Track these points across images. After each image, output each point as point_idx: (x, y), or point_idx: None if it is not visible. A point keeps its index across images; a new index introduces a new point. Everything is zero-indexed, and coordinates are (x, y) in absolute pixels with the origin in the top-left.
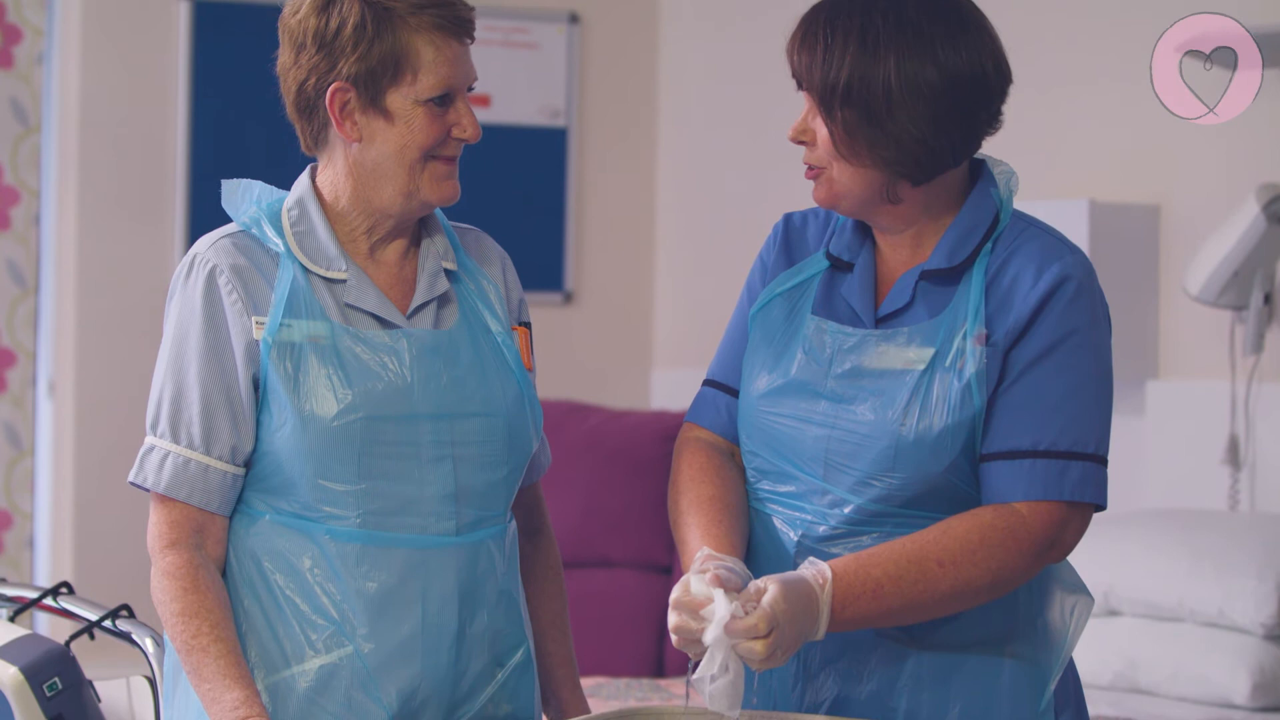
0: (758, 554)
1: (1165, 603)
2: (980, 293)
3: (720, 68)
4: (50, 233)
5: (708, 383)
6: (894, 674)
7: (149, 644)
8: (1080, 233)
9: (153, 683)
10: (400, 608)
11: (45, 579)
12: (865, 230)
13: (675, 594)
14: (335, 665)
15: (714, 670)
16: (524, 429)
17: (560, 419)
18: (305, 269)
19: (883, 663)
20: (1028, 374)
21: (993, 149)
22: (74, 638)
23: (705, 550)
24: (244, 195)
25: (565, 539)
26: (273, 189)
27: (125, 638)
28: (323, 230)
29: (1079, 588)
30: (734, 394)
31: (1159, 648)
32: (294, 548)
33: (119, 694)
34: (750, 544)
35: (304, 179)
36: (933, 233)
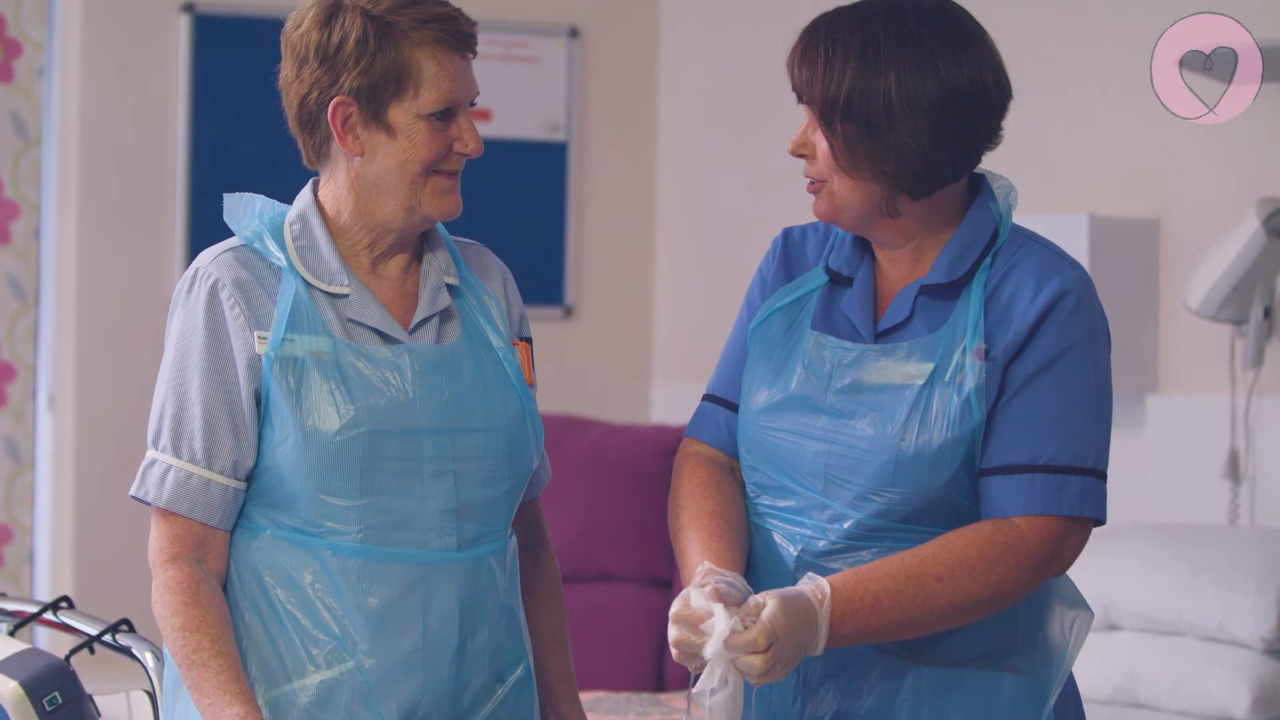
0: (757, 569)
1: (1165, 617)
2: (979, 307)
3: (720, 82)
4: (50, 247)
5: (707, 397)
6: (894, 689)
7: (149, 658)
8: (1080, 247)
9: (153, 697)
10: (401, 623)
11: (45, 593)
12: (864, 245)
13: (675, 608)
14: (336, 680)
15: (713, 684)
16: (525, 444)
17: (560, 433)
18: (307, 283)
19: (882, 677)
20: (1027, 388)
21: (992, 163)
22: (74, 652)
23: (706, 565)
24: (246, 209)
25: (565, 553)
26: (275, 203)
27: (125, 652)
28: (325, 245)
29: (1079, 602)
30: (734, 409)
31: (1159, 662)
32: (295, 563)
33: (119, 708)
34: (750, 559)
35: (306, 193)
36: (932, 247)
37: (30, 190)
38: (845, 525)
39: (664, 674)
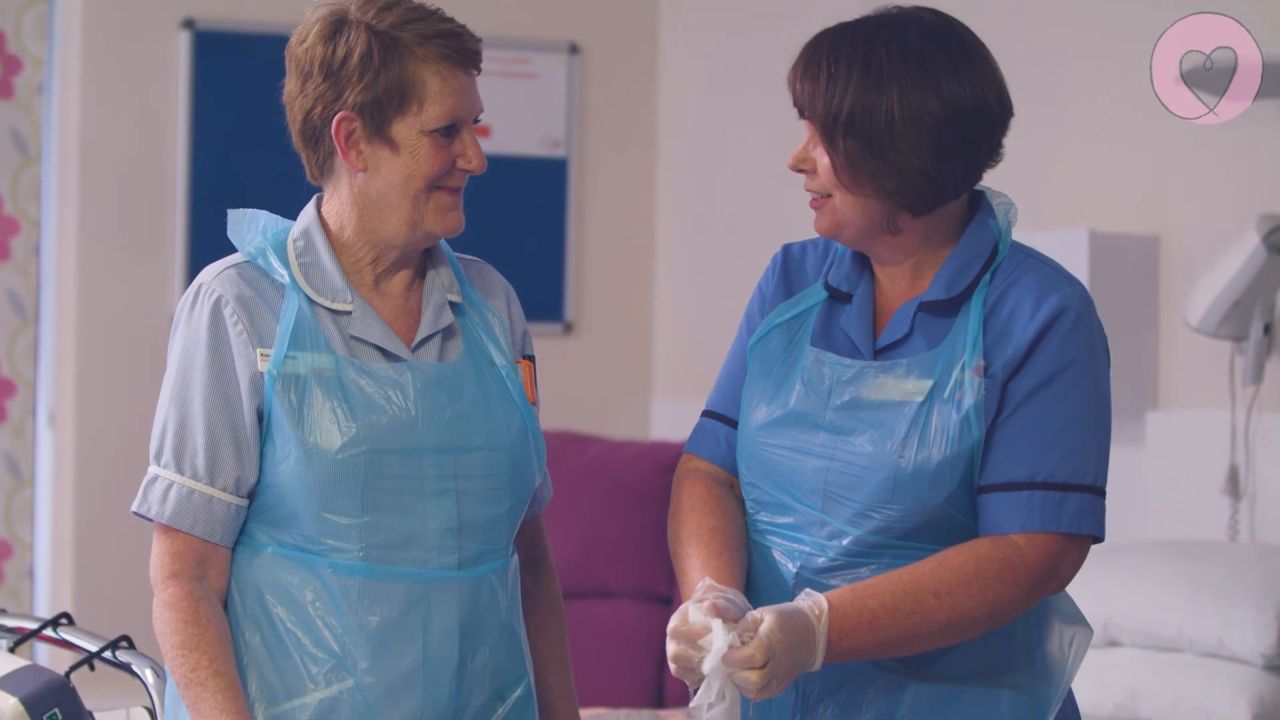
0: (756, 585)
1: (1165, 633)
2: (979, 324)
3: (719, 97)
4: (50, 263)
5: (707, 413)
6: (892, 705)
7: (149, 675)
8: (1080, 263)
9: (152, 714)
10: (401, 642)
11: (45, 609)
12: (864, 261)
13: (674, 623)
14: (336, 699)
15: (711, 699)
16: (527, 463)
17: (560, 449)
18: (310, 300)
19: (881, 694)
20: (1026, 405)
21: (992, 179)
22: (74, 669)
23: (707, 581)
24: (249, 225)
25: (565, 569)
26: (278, 219)
27: (125, 669)
28: (328, 261)
29: (1078, 619)
30: (733, 425)
31: (1159, 678)
32: (296, 580)
33: None
34: (749, 575)
35: (310, 209)
36: (932, 264)
37: (30, 206)
38: (844, 542)
39: (664, 690)
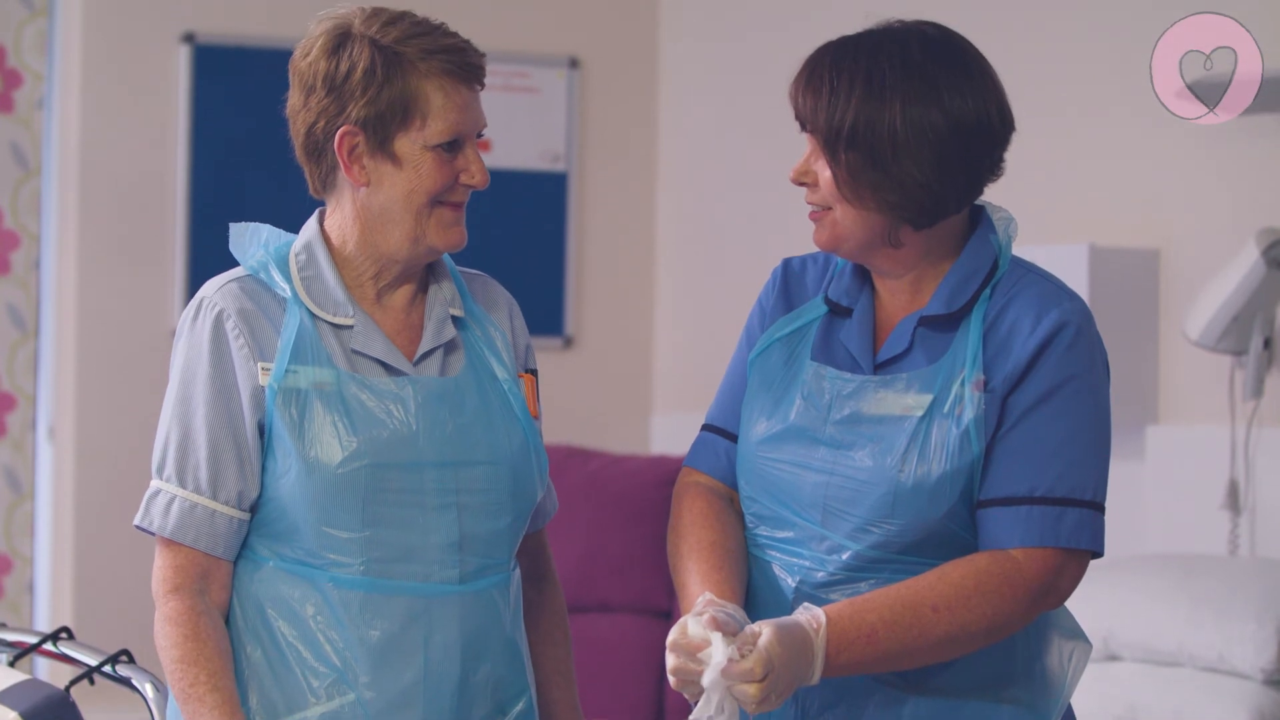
0: (756, 600)
1: (1165, 648)
2: (979, 339)
3: (719, 111)
4: (50, 277)
5: (707, 427)
6: (891, 719)
7: (149, 689)
8: (1080, 277)
9: None
10: (402, 656)
11: (45, 623)
12: (864, 275)
13: (673, 636)
14: (337, 713)
15: (710, 712)
16: (529, 477)
17: (560, 463)
18: (312, 314)
19: (880, 708)
20: (1025, 420)
21: (992, 194)
22: (74, 683)
23: (707, 595)
24: (252, 239)
25: (565, 583)
26: (280, 232)
27: (125, 683)
28: (330, 275)
29: (1077, 633)
30: (733, 439)
31: (1159, 693)
32: (297, 594)
33: None
34: (749, 589)
35: (312, 223)
36: (932, 278)
37: (30, 220)
38: (844, 556)
39: (664, 705)
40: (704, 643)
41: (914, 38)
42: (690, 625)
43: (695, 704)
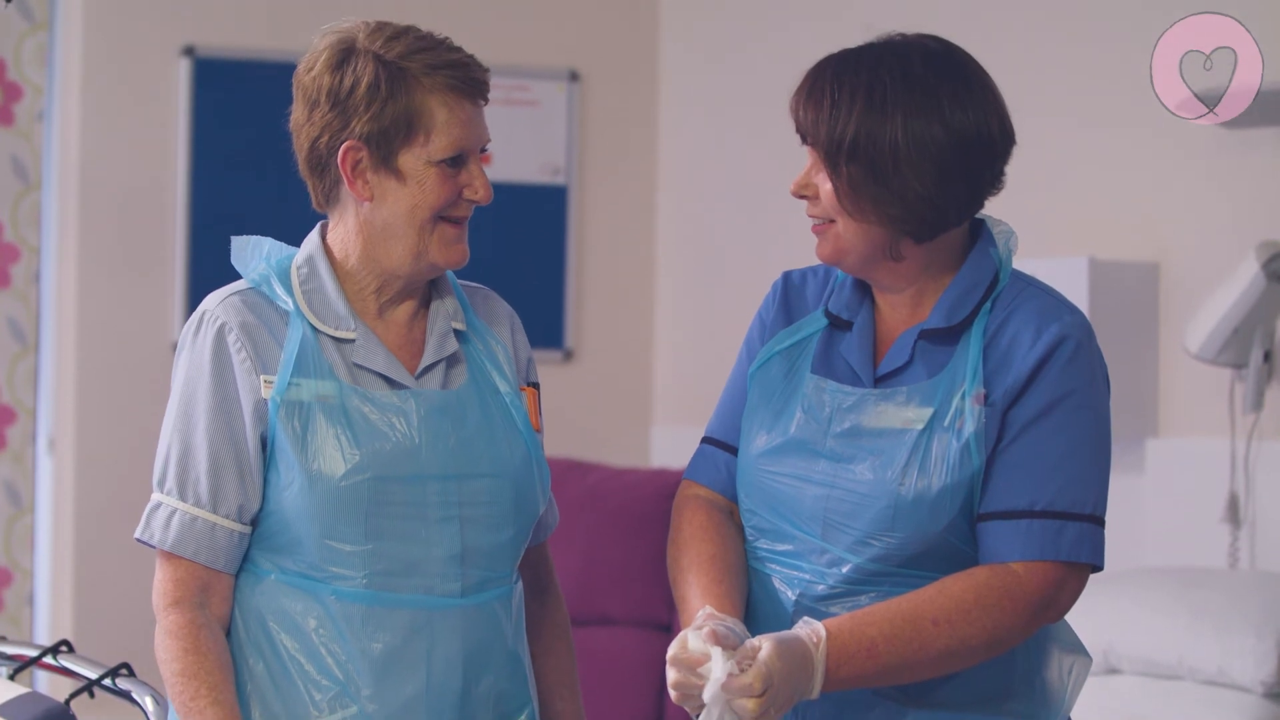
0: (756, 613)
1: (1165, 661)
2: (979, 352)
3: (720, 125)
4: (50, 290)
5: (707, 440)
6: None
7: (149, 702)
8: (1079, 290)
9: None
10: (405, 669)
11: (45, 636)
12: (864, 289)
13: (673, 650)
14: None
15: None
16: (531, 490)
17: (560, 476)
18: (314, 328)
19: None
20: (1025, 434)
21: (992, 206)
22: (74, 696)
23: (706, 609)
24: (254, 252)
25: (565, 596)
26: (282, 245)
27: (125, 696)
28: (332, 289)
29: (1077, 647)
30: (733, 451)
31: (1159, 706)
32: (299, 607)
33: None
34: (749, 602)
35: (314, 237)
36: (932, 292)
37: (30, 233)
38: (844, 570)
39: (664, 717)
40: (704, 657)
41: (915, 51)
42: (690, 639)
43: (696, 718)
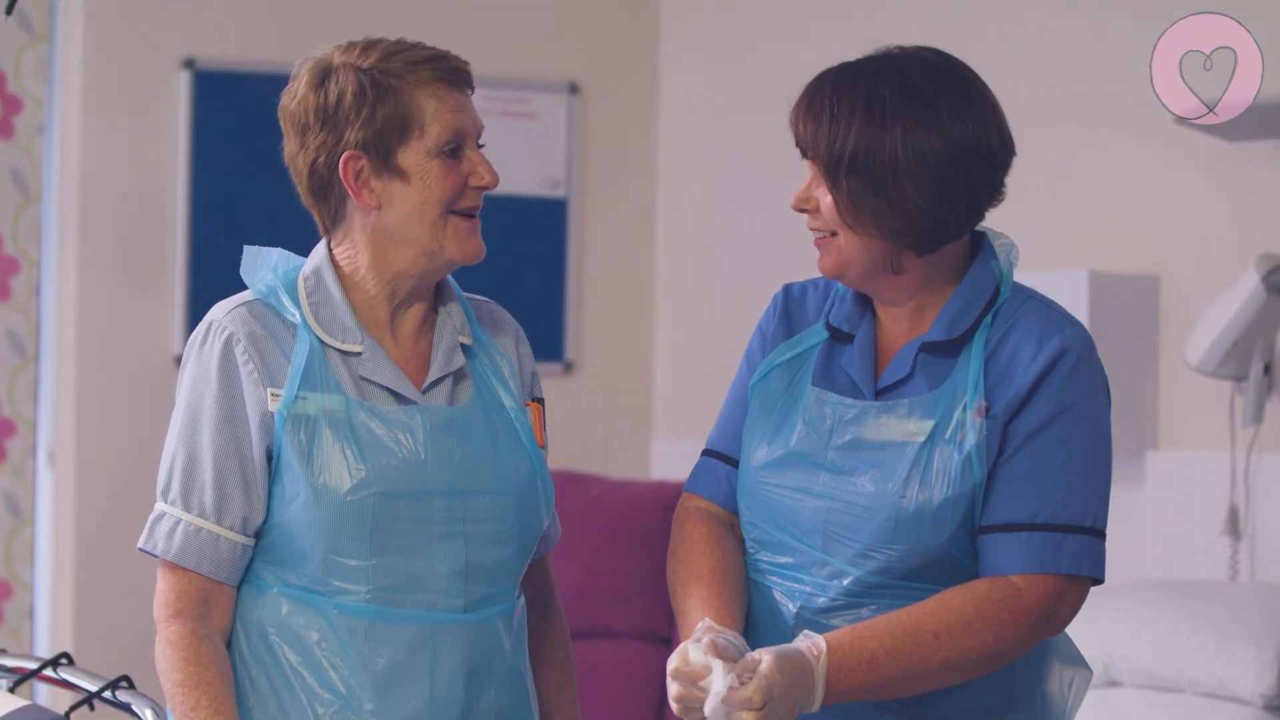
0: (756, 625)
1: (1165, 673)
2: (980, 365)
3: (720, 137)
4: (50, 302)
5: (707, 452)
6: None
7: (149, 715)
8: (1080, 303)
9: None
10: (407, 684)
11: (45, 649)
12: (865, 301)
13: (674, 663)
14: None
15: None
16: (535, 506)
17: (560, 489)
18: (321, 340)
19: None
20: (1026, 446)
21: (992, 219)
22: (74, 709)
23: (707, 621)
24: (261, 263)
25: (565, 609)
26: (291, 256)
27: (125, 709)
28: (339, 301)
29: (1077, 660)
30: (734, 464)
31: (1159, 718)
32: (302, 621)
33: None
34: (749, 615)
35: (321, 249)
36: (933, 304)
37: (30, 246)
38: (845, 582)
39: None
40: (705, 669)
41: (914, 64)
42: (691, 652)
43: None
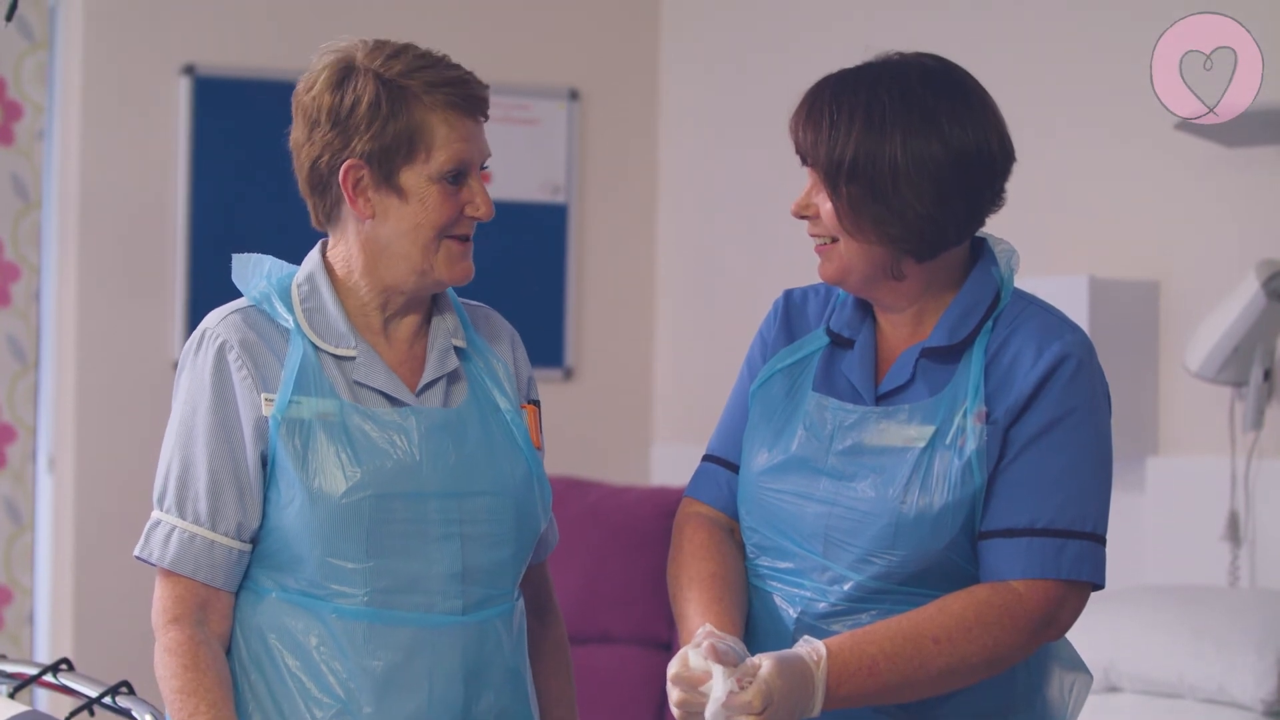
0: (757, 630)
1: (1165, 679)
2: (980, 371)
3: (720, 144)
4: (50, 308)
5: (708, 458)
6: None
7: None
8: (1080, 309)
9: None
10: (406, 687)
11: (45, 655)
12: (865, 308)
13: (674, 668)
14: None
15: None
16: (532, 508)
17: (560, 494)
18: (315, 345)
19: None
20: (1026, 452)
21: (992, 225)
22: (74, 714)
23: (707, 626)
24: (254, 270)
25: (565, 615)
26: (283, 263)
27: (125, 714)
28: (332, 307)
29: (1078, 665)
30: (734, 469)
31: None
32: (300, 625)
33: None
34: (749, 620)
35: (315, 254)
36: (934, 310)
37: (30, 252)
38: (845, 587)
39: None
40: (705, 674)
41: (914, 70)
42: (691, 657)
43: None
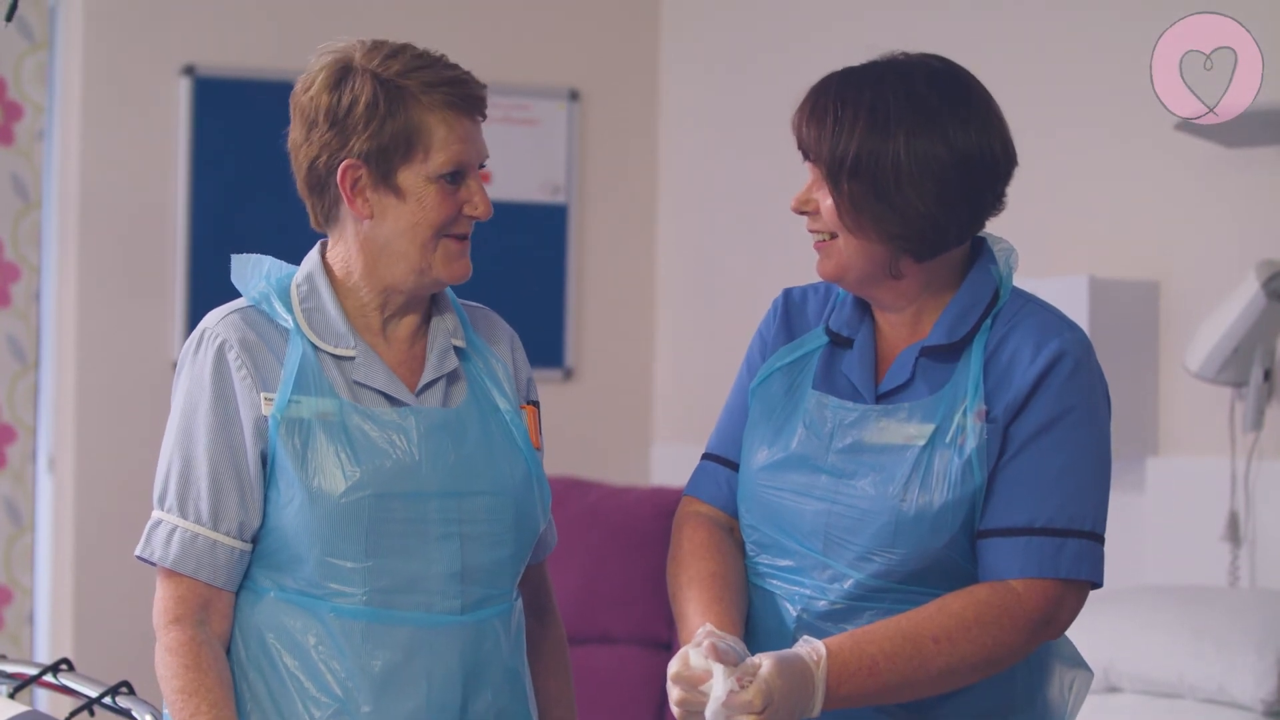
0: (757, 629)
1: (1165, 679)
2: (980, 369)
3: (720, 144)
4: (50, 308)
5: (707, 456)
6: None
7: None
8: (1080, 309)
9: None
10: (404, 686)
11: (45, 655)
12: (865, 307)
13: (674, 668)
14: None
15: None
16: (531, 508)
17: (560, 495)
18: (314, 345)
19: None
20: (1025, 450)
21: (993, 225)
22: (74, 714)
23: (707, 626)
24: (254, 270)
25: (565, 615)
26: (282, 264)
27: (125, 714)
28: (331, 307)
29: (1078, 662)
30: (734, 467)
31: None
32: (299, 624)
33: None
34: (750, 618)
35: (314, 255)
36: (933, 309)
37: (30, 252)
38: (845, 585)
39: None
40: (706, 674)
41: (918, 70)
42: (691, 656)
43: None
